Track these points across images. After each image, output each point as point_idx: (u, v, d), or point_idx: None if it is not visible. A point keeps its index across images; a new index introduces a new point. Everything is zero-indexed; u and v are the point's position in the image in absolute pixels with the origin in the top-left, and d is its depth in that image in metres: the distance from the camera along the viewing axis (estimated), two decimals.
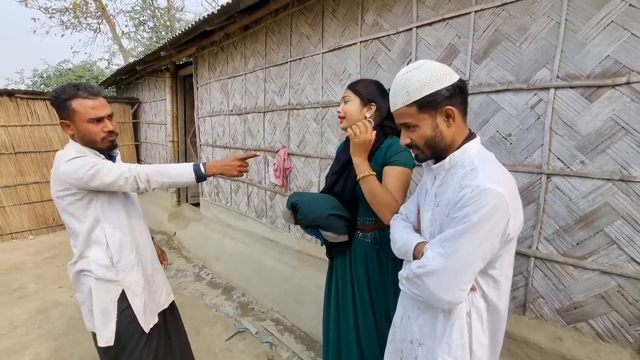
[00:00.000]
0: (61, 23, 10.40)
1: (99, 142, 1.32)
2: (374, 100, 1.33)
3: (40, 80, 10.89)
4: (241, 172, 1.41)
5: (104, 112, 1.31)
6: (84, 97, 1.26)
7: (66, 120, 1.28)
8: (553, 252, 1.46)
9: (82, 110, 1.26)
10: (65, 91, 1.26)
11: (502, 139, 1.56)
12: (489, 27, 1.56)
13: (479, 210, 0.75)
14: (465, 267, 0.78)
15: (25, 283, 3.39)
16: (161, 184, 1.32)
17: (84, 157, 1.26)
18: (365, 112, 1.32)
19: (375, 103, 1.33)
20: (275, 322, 2.58)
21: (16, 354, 2.28)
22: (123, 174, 1.26)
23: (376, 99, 1.33)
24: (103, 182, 1.24)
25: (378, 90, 1.36)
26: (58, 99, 1.26)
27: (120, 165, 1.29)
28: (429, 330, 0.91)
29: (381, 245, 1.35)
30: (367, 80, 1.38)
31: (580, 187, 1.37)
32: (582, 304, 1.40)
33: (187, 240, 4.28)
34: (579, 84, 1.34)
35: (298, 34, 2.62)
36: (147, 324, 1.41)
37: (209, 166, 1.37)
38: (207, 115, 4.17)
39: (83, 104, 1.26)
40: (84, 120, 1.27)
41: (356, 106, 1.33)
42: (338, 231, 1.34)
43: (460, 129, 0.88)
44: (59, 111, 1.29)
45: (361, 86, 1.35)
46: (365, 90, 1.33)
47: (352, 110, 1.33)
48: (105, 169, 1.24)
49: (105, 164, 1.27)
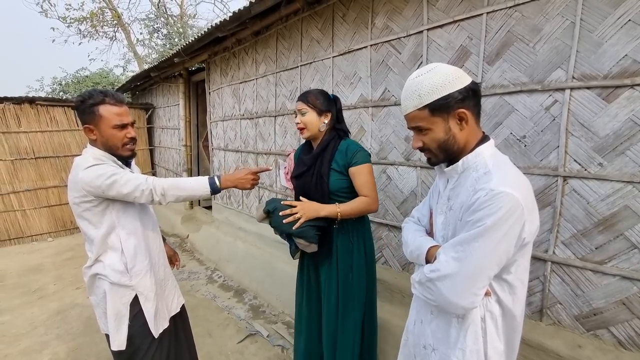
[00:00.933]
0: (79, 32, 10.75)
1: (120, 148, 1.35)
2: (328, 109, 1.52)
3: (59, 88, 11.27)
4: (253, 185, 1.47)
5: (128, 119, 1.35)
6: (111, 104, 1.30)
7: (90, 125, 1.30)
8: (571, 256, 1.42)
9: (108, 116, 1.29)
10: (93, 96, 1.29)
11: (516, 141, 1.53)
12: (501, 28, 1.54)
13: (493, 214, 0.74)
14: (480, 271, 0.77)
15: (45, 284, 3.49)
16: (177, 198, 1.34)
17: (103, 165, 1.28)
18: (323, 120, 1.51)
19: (329, 111, 1.52)
20: (286, 325, 2.59)
21: (36, 353, 2.35)
22: (140, 186, 1.28)
23: (329, 107, 1.52)
24: (120, 192, 1.27)
25: (327, 99, 1.53)
26: (84, 103, 1.29)
27: (138, 177, 1.31)
28: (443, 336, 0.90)
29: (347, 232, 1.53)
30: (315, 92, 1.54)
31: (598, 189, 1.33)
32: (602, 310, 1.36)
33: (200, 243, 4.34)
34: (595, 84, 1.31)
35: (308, 39, 2.64)
36: (157, 329, 1.42)
37: (223, 179, 1.40)
38: (219, 119, 4.24)
39: (109, 110, 1.30)
40: (109, 126, 1.30)
41: (314, 116, 1.50)
42: (309, 240, 1.44)
43: (473, 131, 0.87)
44: (83, 116, 1.31)
45: (312, 98, 1.51)
46: (319, 102, 1.50)
47: (311, 120, 1.50)
48: (123, 179, 1.26)
49: (123, 174, 1.28)
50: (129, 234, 1.37)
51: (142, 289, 1.39)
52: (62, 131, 5.35)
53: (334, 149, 1.50)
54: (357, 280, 1.52)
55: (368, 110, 2.21)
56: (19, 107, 4.98)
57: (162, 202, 1.33)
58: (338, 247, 1.52)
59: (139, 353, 1.39)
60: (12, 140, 4.92)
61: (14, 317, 2.85)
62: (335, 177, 1.47)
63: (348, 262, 1.52)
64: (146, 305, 1.39)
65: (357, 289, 1.53)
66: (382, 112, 2.13)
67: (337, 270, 1.53)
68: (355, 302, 1.53)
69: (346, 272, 1.52)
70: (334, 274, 1.53)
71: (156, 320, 1.42)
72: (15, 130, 4.94)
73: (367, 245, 1.57)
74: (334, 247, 1.52)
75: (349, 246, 1.52)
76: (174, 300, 1.57)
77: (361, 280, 1.54)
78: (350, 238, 1.52)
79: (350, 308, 1.52)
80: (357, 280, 1.53)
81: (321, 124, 1.50)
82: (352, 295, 1.52)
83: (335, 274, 1.53)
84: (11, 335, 2.57)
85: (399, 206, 2.10)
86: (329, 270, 1.55)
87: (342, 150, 1.49)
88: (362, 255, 1.55)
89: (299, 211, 1.41)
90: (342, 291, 1.52)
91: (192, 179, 1.38)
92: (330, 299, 1.54)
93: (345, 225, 1.52)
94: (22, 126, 4.99)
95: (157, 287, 1.45)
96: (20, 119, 4.99)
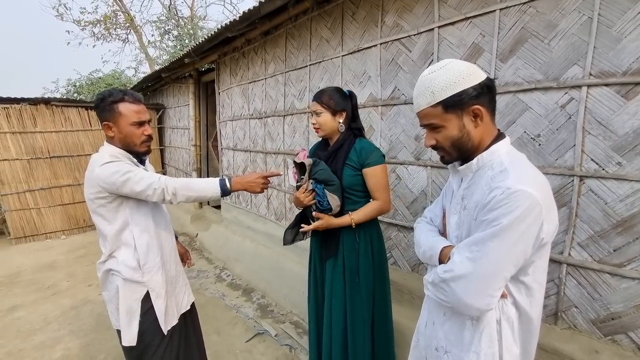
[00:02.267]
0: (92, 34, 10.98)
1: (138, 145, 1.38)
2: (343, 108, 1.50)
3: (73, 89, 11.52)
4: (263, 189, 1.47)
5: (145, 117, 1.39)
6: (129, 102, 1.34)
7: (110, 122, 1.34)
8: (587, 258, 1.38)
9: (127, 113, 1.33)
10: (113, 95, 1.33)
11: (530, 139, 1.50)
12: (515, 24, 1.51)
13: (510, 213, 0.72)
14: (496, 272, 0.75)
15: (58, 281, 3.56)
16: (187, 198, 1.35)
17: (118, 162, 1.30)
18: (338, 119, 1.50)
19: (344, 110, 1.50)
20: (294, 325, 2.58)
21: (49, 348, 2.40)
22: (152, 185, 1.29)
23: (343, 106, 1.51)
24: (133, 190, 1.28)
25: (342, 97, 1.51)
26: (105, 101, 1.32)
27: (152, 175, 1.32)
28: (456, 338, 0.88)
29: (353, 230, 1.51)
30: (329, 90, 1.52)
31: (617, 190, 1.29)
32: (621, 314, 1.31)
33: (209, 242, 4.37)
34: (614, 81, 1.27)
35: (318, 38, 2.64)
36: (167, 326, 1.43)
37: (234, 182, 1.40)
38: (228, 119, 4.26)
39: (129, 108, 1.34)
40: (128, 123, 1.34)
41: (329, 117, 1.50)
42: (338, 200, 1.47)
43: (488, 129, 0.85)
44: (103, 113, 1.34)
45: (327, 98, 1.50)
46: (333, 102, 1.49)
47: (326, 121, 1.50)
48: (137, 177, 1.28)
49: (137, 172, 1.30)
50: (142, 231, 1.39)
51: (154, 286, 1.40)
52: (76, 131, 5.46)
53: (349, 148, 1.49)
54: (364, 281, 1.51)
55: (377, 109, 2.19)
56: (35, 107, 5.10)
57: (173, 201, 1.34)
58: (344, 245, 1.52)
59: (149, 350, 1.40)
60: (28, 140, 5.04)
61: (28, 312, 2.91)
62: (349, 174, 1.48)
63: (354, 263, 1.51)
64: (157, 301, 1.40)
65: (365, 289, 1.51)
66: (391, 111, 2.11)
67: (343, 268, 1.52)
68: (364, 302, 1.51)
69: (352, 273, 1.51)
70: (340, 271, 1.53)
71: (166, 317, 1.43)
72: (32, 130, 5.06)
73: (374, 245, 1.56)
74: (340, 244, 1.52)
75: (354, 245, 1.51)
76: (185, 298, 1.58)
77: (368, 280, 1.52)
78: (357, 237, 1.51)
79: (358, 309, 1.51)
80: (364, 280, 1.51)
81: (337, 124, 1.51)
82: (360, 295, 1.51)
83: (341, 272, 1.53)
84: (25, 331, 2.62)
85: (409, 206, 2.07)
86: (334, 267, 1.55)
87: (357, 149, 1.49)
88: (369, 255, 1.53)
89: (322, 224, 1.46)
90: (348, 290, 1.52)
91: (203, 180, 1.39)
92: (337, 297, 1.54)
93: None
94: (37, 126, 5.11)
95: (167, 284, 1.46)
96: (36, 119, 5.11)
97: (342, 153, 1.50)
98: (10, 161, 4.92)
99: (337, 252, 1.53)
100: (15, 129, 4.97)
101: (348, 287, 1.52)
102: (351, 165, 1.48)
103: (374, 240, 1.56)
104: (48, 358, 2.29)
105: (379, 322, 1.58)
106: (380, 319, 1.57)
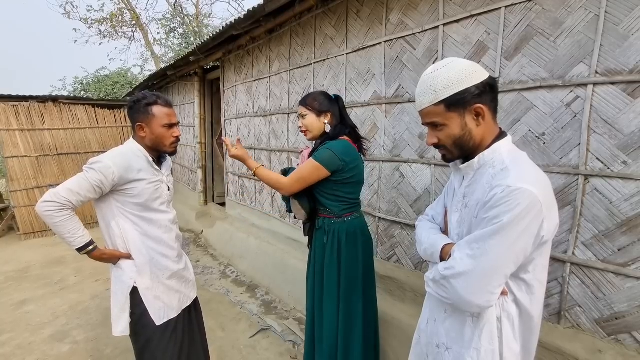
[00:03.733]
0: (99, 32, 11.06)
1: (167, 145, 1.47)
2: (327, 109, 1.56)
3: (80, 87, 11.62)
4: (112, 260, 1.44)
5: (175, 119, 1.48)
6: (162, 105, 1.43)
7: (143, 123, 1.41)
8: (591, 258, 1.38)
9: (160, 115, 1.42)
10: (147, 98, 1.41)
11: (534, 138, 1.49)
12: (520, 22, 1.50)
13: (511, 210, 0.72)
14: (496, 269, 0.76)
15: (66, 276, 3.63)
16: (53, 228, 1.33)
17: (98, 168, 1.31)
18: (323, 120, 1.56)
19: (329, 111, 1.56)
20: (298, 321, 2.61)
21: (58, 341, 2.45)
22: (55, 196, 1.29)
23: (328, 107, 1.56)
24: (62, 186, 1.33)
25: (326, 99, 1.57)
26: (139, 103, 1.40)
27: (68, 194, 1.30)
28: (457, 335, 0.89)
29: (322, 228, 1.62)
30: (313, 93, 1.60)
31: (622, 189, 1.28)
32: (625, 314, 1.31)
33: (214, 239, 4.41)
34: (620, 79, 1.25)
35: (322, 36, 2.64)
36: (160, 318, 1.45)
37: (97, 251, 1.39)
38: (233, 117, 4.29)
39: (161, 110, 1.42)
40: (160, 125, 1.42)
41: (314, 118, 1.56)
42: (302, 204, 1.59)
43: (490, 127, 0.85)
44: (137, 114, 1.41)
45: (311, 100, 1.56)
46: (317, 103, 1.55)
47: (312, 122, 1.56)
48: (70, 183, 1.31)
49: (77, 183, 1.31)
50: (131, 226, 1.42)
51: (143, 279, 1.43)
52: (83, 129, 5.54)
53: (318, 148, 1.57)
54: (327, 276, 1.60)
55: (382, 108, 2.19)
56: (43, 105, 5.18)
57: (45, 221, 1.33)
58: (315, 241, 1.66)
59: (151, 342, 1.43)
60: (36, 138, 5.12)
61: (37, 307, 2.98)
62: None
63: (320, 259, 1.63)
64: (147, 295, 1.42)
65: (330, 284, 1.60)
66: (395, 109, 2.11)
67: (315, 262, 1.66)
68: (334, 296, 1.59)
69: (322, 267, 1.63)
70: (319, 265, 1.64)
71: (157, 308, 1.44)
72: (40, 128, 5.14)
73: (341, 246, 1.57)
74: (313, 240, 1.67)
75: (322, 243, 1.61)
76: (188, 294, 1.61)
77: (332, 276, 1.59)
78: (324, 235, 1.60)
79: (327, 301, 1.61)
80: (328, 275, 1.60)
81: (323, 125, 1.56)
82: (329, 289, 1.60)
83: (321, 266, 1.64)
84: (35, 324, 2.68)
85: (412, 204, 2.08)
86: (314, 260, 1.68)
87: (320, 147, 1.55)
88: (335, 254, 1.58)
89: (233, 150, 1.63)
90: (317, 285, 1.66)
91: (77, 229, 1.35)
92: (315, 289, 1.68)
93: (321, 222, 1.63)
94: (46, 124, 5.19)
95: (164, 278, 1.48)
96: (44, 116, 5.18)
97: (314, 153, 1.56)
98: (19, 158, 5.00)
99: (311, 246, 1.70)
100: (24, 126, 5.05)
101: (317, 282, 1.65)
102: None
103: (342, 242, 1.57)
104: (57, 351, 2.34)
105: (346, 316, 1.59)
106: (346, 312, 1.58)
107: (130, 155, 1.40)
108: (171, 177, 1.64)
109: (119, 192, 1.38)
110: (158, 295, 1.46)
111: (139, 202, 1.41)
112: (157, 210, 1.48)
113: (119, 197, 1.39)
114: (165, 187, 1.53)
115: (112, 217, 1.40)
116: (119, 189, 1.37)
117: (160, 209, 1.49)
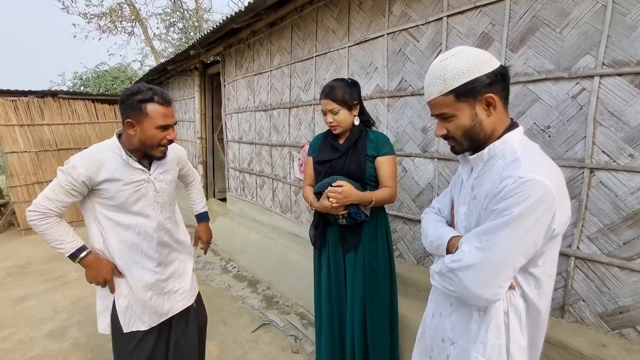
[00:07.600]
0: (98, 27, 10.97)
1: (154, 148, 1.30)
2: (356, 100, 1.52)
3: (79, 82, 11.57)
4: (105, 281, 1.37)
5: (172, 120, 1.30)
6: (159, 103, 1.25)
7: (133, 120, 1.24)
8: (596, 251, 1.37)
9: (154, 115, 1.24)
10: (141, 92, 1.23)
11: (540, 131, 1.47)
12: (526, 13, 1.48)
13: (522, 202, 0.70)
14: (505, 262, 0.74)
15: (67, 271, 3.62)
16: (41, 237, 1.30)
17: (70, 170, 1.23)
18: (353, 113, 1.52)
19: (357, 102, 1.52)
20: (299, 316, 2.60)
21: (59, 337, 2.45)
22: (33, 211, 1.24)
23: (357, 98, 1.52)
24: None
25: (352, 88, 1.51)
26: (132, 97, 1.23)
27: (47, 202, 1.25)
28: (462, 329, 0.87)
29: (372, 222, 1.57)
30: (339, 85, 1.50)
31: (628, 182, 1.27)
32: (629, 308, 1.30)
33: (215, 234, 4.36)
34: (627, 71, 1.24)
35: (324, 29, 2.61)
36: (128, 325, 1.38)
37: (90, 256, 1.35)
38: (233, 112, 4.26)
39: (157, 110, 1.25)
40: (153, 126, 1.25)
41: (346, 113, 1.50)
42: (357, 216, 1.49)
43: (501, 118, 0.83)
44: (127, 110, 1.24)
45: (341, 93, 1.48)
46: (347, 96, 1.48)
47: (344, 118, 1.50)
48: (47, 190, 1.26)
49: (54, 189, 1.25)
50: (110, 228, 1.34)
51: (120, 287, 1.38)
52: (83, 124, 5.51)
53: (366, 139, 1.54)
54: (381, 268, 1.57)
55: (384, 101, 2.17)
56: (43, 100, 5.15)
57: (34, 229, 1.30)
58: (364, 234, 1.56)
59: (117, 345, 1.43)
60: (36, 133, 5.09)
61: (38, 302, 2.98)
62: (370, 165, 1.53)
63: (373, 249, 1.55)
64: (119, 300, 1.38)
65: (382, 276, 1.57)
66: (398, 103, 2.09)
67: (363, 257, 1.55)
68: (381, 291, 1.57)
69: (371, 260, 1.55)
70: (360, 261, 1.56)
71: (127, 316, 1.38)
72: (39, 123, 5.11)
73: (388, 233, 1.63)
74: (362, 234, 1.56)
75: (372, 232, 1.56)
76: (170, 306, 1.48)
77: (384, 267, 1.58)
78: (375, 225, 1.57)
79: (376, 297, 1.56)
80: (382, 267, 1.57)
81: (353, 118, 1.53)
82: (377, 284, 1.56)
83: (362, 261, 1.55)
84: (36, 319, 2.68)
85: (415, 198, 2.06)
86: (355, 258, 1.56)
87: (372, 140, 1.54)
88: (385, 242, 1.59)
89: (343, 192, 1.41)
90: (367, 279, 1.55)
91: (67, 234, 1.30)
92: (355, 288, 1.56)
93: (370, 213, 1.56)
94: (45, 119, 5.16)
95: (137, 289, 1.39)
96: (44, 112, 5.15)
97: (361, 145, 1.52)
98: (18, 153, 4.98)
99: (358, 245, 1.55)
100: (23, 121, 5.02)
101: (367, 278, 1.55)
102: (370, 156, 1.52)
103: (388, 229, 1.64)
104: (58, 346, 2.34)
105: (394, 310, 1.65)
106: (394, 306, 1.65)
107: (104, 153, 1.28)
108: (174, 172, 1.51)
109: (95, 193, 1.29)
110: (131, 304, 1.39)
111: (115, 205, 1.30)
112: (137, 213, 1.35)
113: (97, 198, 1.30)
114: (152, 187, 1.37)
115: (93, 219, 1.33)
116: (94, 190, 1.28)
117: (142, 213, 1.36)
